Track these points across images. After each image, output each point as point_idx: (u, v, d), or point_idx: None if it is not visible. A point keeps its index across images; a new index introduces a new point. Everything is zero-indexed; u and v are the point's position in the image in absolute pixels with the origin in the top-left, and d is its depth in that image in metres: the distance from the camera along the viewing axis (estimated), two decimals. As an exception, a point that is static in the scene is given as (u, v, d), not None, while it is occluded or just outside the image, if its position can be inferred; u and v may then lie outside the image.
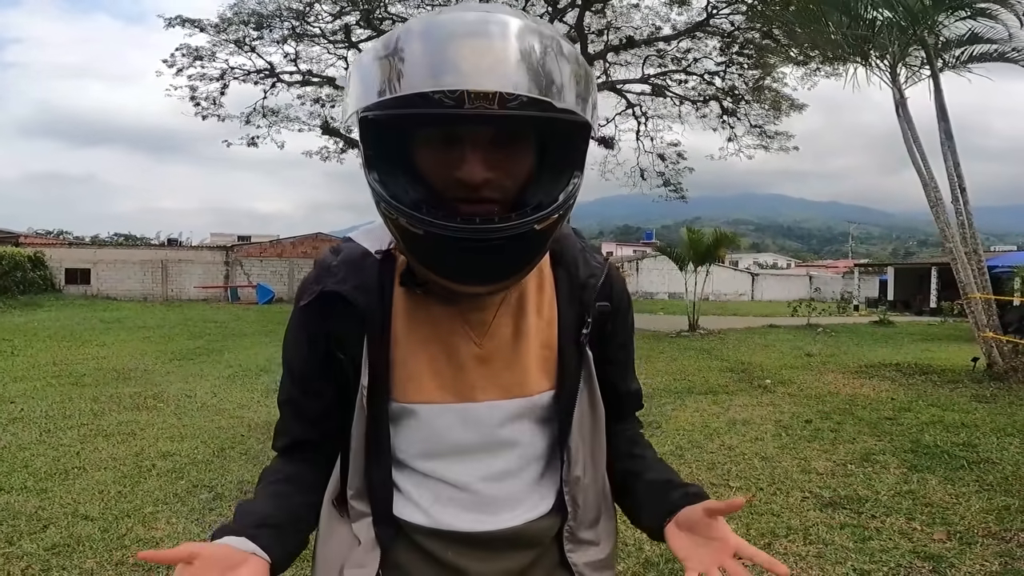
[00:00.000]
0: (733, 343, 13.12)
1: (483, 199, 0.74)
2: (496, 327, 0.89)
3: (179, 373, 8.30)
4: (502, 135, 0.74)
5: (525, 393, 0.89)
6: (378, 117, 0.72)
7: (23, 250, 23.72)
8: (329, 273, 0.87)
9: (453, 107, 0.67)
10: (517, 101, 0.68)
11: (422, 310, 0.87)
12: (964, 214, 8.63)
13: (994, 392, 7.21)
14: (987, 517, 3.56)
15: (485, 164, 0.73)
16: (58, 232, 55.80)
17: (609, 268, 0.96)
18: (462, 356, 0.87)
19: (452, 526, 0.89)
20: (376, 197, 0.76)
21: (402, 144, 0.76)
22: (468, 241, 0.72)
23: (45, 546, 3.11)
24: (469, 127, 0.72)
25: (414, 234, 0.73)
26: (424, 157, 0.76)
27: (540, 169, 0.78)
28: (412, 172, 0.77)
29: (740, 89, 19.25)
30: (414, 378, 0.87)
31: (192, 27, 18.16)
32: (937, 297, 27.51)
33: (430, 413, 0.87)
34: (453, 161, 0.73)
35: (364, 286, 0.86)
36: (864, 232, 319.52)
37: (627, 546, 3.18)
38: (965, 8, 8.36)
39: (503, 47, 0.68)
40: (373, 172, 0.75)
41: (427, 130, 0.74)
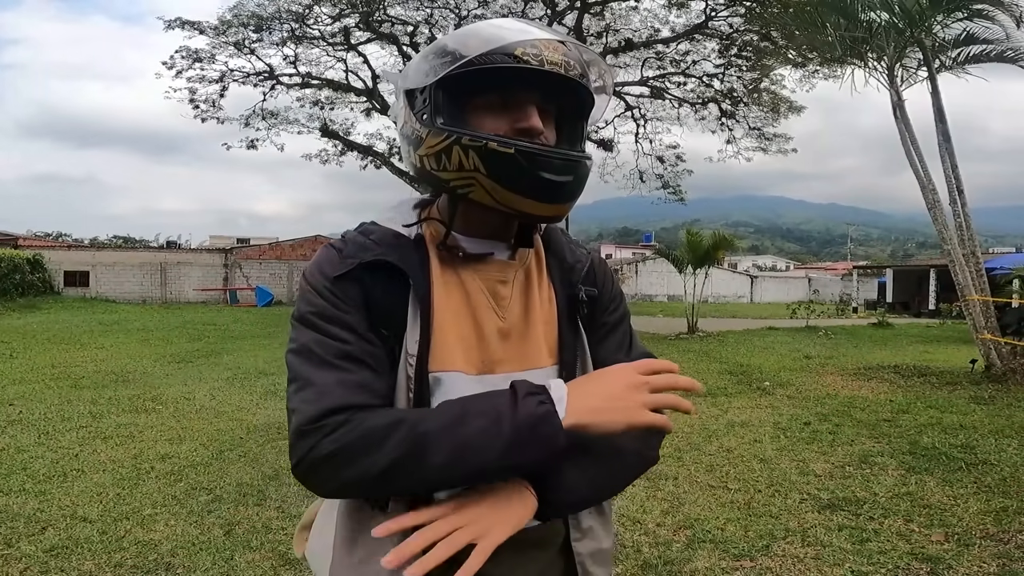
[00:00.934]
0: (732, 345, 13.13)
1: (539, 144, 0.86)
2: (513, 302, 0.95)
3: (178, 376, 8.30)
4: (546, 102, 0.89)
5: (535, 366, 0.93)
6: (466, 73, 0.83)
7: (22, 252, 23.71)
8: (365, 248, 0.90)
9: (536, 66, 0.83)
10: (576, 72, 0.87)
11: (455, 284, 0.92)
12: (962, 216, 8.64)
13: (992, 394, 7.21)
14: (985, 519, 3.57)
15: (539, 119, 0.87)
16: (57, 234, 55.77)
17: (593, 257, 1.05)
18: (488, 329, 0.92)
19: None
20: (454, 135, 0.84)
21: (465, 108, 0.88)
22: (551, 159, 0.84)
23: (44, 548, 3.10)
24: (534, 88, 0.86)
25: (503, 155, 0.83)
26: (484, 117, 0.87)
27: (561, 133, 0.93)
28: (469, 126, 0.87)
29: (739, 91, 19.29)
30: (447, 348, 0.89)
31: (192, 29, 18.19)
32: (936, 299, 27.53)
33: (456, 383, 0.88)
34: (516, 116, 0.86)
35: (406, 259, 0.90)
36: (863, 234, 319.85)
37: (625, 548, 3.18)
38: (961, 9, 8.38)
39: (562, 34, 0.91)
40: (439, 118, 0.86)
41: (493, 94, 0.87)
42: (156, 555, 3.07)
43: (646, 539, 3.31)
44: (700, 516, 3.61)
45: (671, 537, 3.34)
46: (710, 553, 3.16)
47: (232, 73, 19.12)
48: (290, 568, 2.96)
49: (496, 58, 0.83)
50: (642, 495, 3.91)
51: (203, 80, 18.92)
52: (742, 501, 3.85)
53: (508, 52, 0.83)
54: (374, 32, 18.83)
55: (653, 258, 38.33)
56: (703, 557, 3.11)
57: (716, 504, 3.80)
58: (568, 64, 0.86)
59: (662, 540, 3.30)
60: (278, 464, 4.38)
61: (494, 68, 0.83)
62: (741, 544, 3.26)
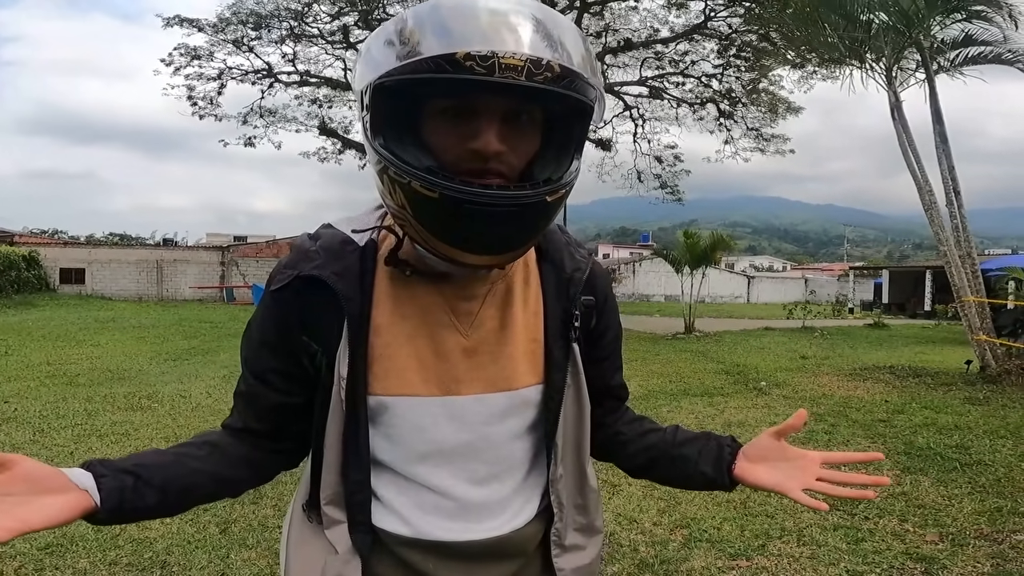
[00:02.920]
0: (729, 345, 13.15)
1: (492, 171, 0.73)
2: (483, 318, 0.86)
3: (174, 373, 8.28)
4: (514, 111, 0.73)
5: (511, 387, 0.86)
6: (400, 82, 0.70)
7: (18, 249, 23.62)
8: (306, 258, 0.83)
9: (483, 75, 0.66)
10: (542, 76, 0.68)
11: (407, 299, 0.84)
12: (958, 217, 8.67)
13: (987, 394, 7.24)
14: (979, 519, 3.58)
15: (498, 136, 0.73)
16: (53, 231, 55.60)
17: (592, 262, 0.96)
18: (448, 347, 0.84)
19: (434, 536, 0.86)
20: (383, 163, 0.74)
21: (412, 114, 0.74)
22: (484, 206, 0.70)
23: (38, 546, 3.09)
24: (491, 97, 0.71)
25: (427, 198, 0.71)
26: (435, 128, 0.74)
27: (546, 148, 0.78)
28: (420, 144, 0.75)
29: (737, 92, 19.31)
30: (396, 370, 0.83)
31: (190, 27, 18.14)
32: (931, 300, 27.61)
33: (413, 407, 0.83)
34: (466, 133, 0.73)
35: (345, 271, 0.82)
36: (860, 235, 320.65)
37: (622, 547, 3.18)
38: (959, 11, 8.40)
39: (535, 21, 0.70)
40: (379, 138, 0.74)
41: (443, 100, 0.73)
42: (151, 553, 3.06)
43: (643, 538, 3.31)
44: (696, 515, 3.62)
45: (668, 536, 3.34)
46: (706, 552, 3.16)
47: (230, 71, 19.07)
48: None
49: (434, 65, 0.67)
50: (639, 494, 3.92)
51: (201, 77, 18.87)
52: (738, 501, 3.86)
53: (449, 59, 0.66)
54: (373, 30, 18.80)
55: (650, 258, 38.39)
56: (699, 556, 3.12)
57: (712, 504, 3.81)
58: (535, 66, 0.67)
59: (659, 539, 3.30)
60: (274, 462, 4.38)
61: (430, 79, 0.68)
62: (737, 543, 3.26)
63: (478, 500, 0.88)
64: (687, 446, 0.98)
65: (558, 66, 0.69)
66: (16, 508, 0.70)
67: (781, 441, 0.92)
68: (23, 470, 0.71)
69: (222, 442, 0.89)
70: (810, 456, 0.90)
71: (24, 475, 0.71)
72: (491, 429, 0.87)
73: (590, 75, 0.73)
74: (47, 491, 0.72)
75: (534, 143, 0.77)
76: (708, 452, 0.96)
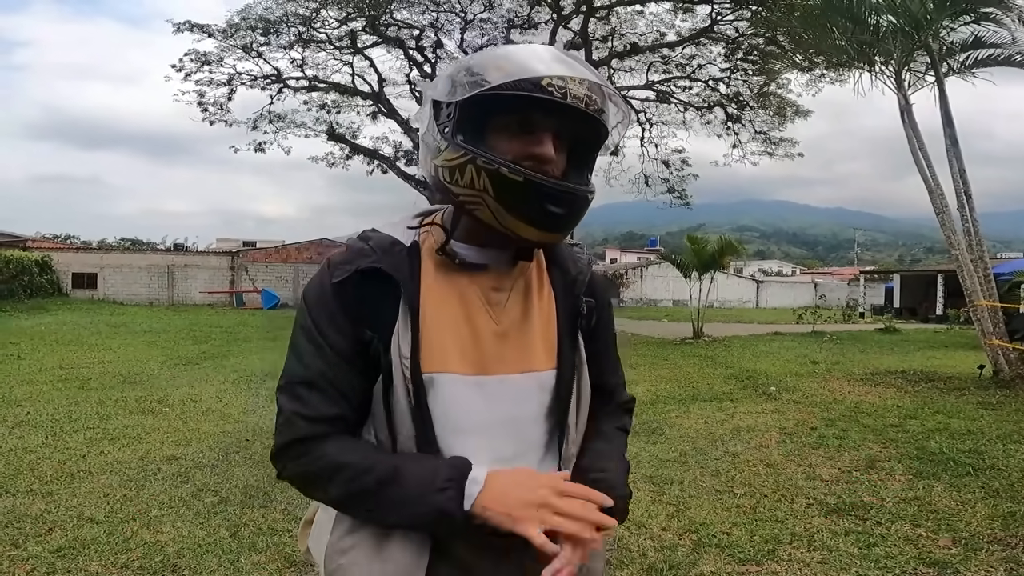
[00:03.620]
0: (738, 350, 13.09)
1: (547, 172, 0.91)
2: (510, 307, 1.00)
3: (184, 377, 8.33)
4: (562, 132, 0.92)
5: (532, 368, 0.99)
6: (490, 95, 0.87)
7: (30, 254, 23.88)
8: (362, 254, 0.96)
9: (559, 98, 0.87)
10: (594, 107, 0.90)
11: (448, 289, 0.97)
12: (970, 220, 8.60)
13: (1000, 399, 7.17)
14: (993, 523, 3.55)
15: (553, 147, 0.92)
16: (65, 236, 56.09)
17: (591, 269, 1.11)
18: (482, 331, 0.97)
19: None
20: (471, 155, 0.89)
21: (488, 123, 0.92)
22: (555, 191, 0.90)
23: (51, 549, 3.12)
24: (551, 116, 0.90)
25: (513, 181, 0.88)
26: (501, 136, 0.91)
27: (571, 162, 0.97)
28: (487, 145, 0.91)
29: (745, 95, 19.27)
30: (441, 349, 0.94)
31: (200, 32, 18.31)
32: (943, 304, 27.37)
33: (452, 383, 0.94)
34: (530, 141, 0.91)
35: (398, 265, 0.95)
36: (870, 239, 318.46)
37: (630, 552, 3.17)
38: (968, 12, 8.35)
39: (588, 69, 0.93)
40: (459, 136, 0.91)
41: (514, 115, 0.90)
42: (162, 556, 3.08)
43: (651, 543, 3.30)
44: (706, 521, 3.60)
45: (677, 541, 3.33)
46: (716, 558, 3.15)
47: (240, 76, 19.27)
48: (295, 570, 2.96)
49: (523, 85, 0.87)
50: (647, 499, 3.91)
51: (211, 83, 19.08)
52: (748, 506, 3.84)
53: (535, 81, 0.87)
54: (380, 36, 18.91)
55: (658, 263, 38.27)
56: (709, 562, 3.10)
57: (722, 509, 3.79)
58: (590, 99, 0.89)
59: (667, 544, 3.29)
60: (284, 466, 4.39)
61: (519, 95, 0.87)
62: (747, 549, 3.25)
63: None
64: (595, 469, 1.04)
65: (600, 100, 0.91)
66: None
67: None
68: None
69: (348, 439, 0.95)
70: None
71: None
72: (515, 408, 0.98)
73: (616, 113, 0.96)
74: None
75: (564, 160, 0.95)
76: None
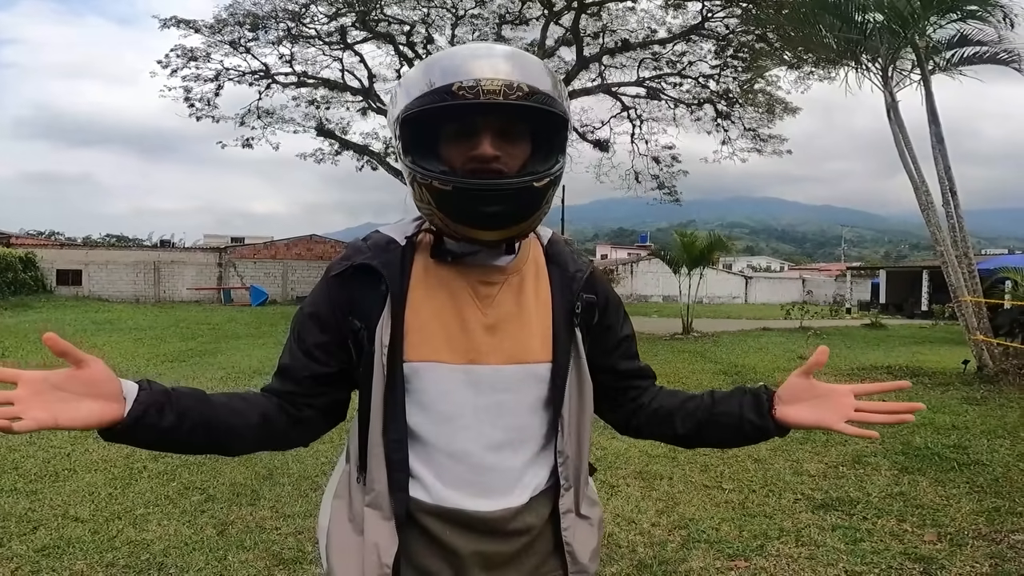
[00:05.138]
0: (726, 346, 13.16)
1: (492, 171, 0.94)
2: (500, 301, 1.04)
3: (171, 375, 8.25)
4: (505, 126, 0.95)
5: (525, 360, 1.03)
6: (415, 113, 0.93)
7: (14, 251, 23.58)
8: (360, 252, 1.05)
9: (472, 99, 0.89)
10: (516, 95, 0.90)
11: (437, 283, 1.03)
12: (955, 217, 8.69)
13: (984, 394, 7.25)
14: (977, 519, 3.58)
15: (493, 146, 0.94)
16: (50, 233, 55.41)
17: (593, 267, 1.14)
18: (471, 323, 1.02)
19: (452, 503, 0.99)
20: (412, 173, 0.96)
21: (431, 138, 0.98)
22: (484, 191, 0.93)
23: (35, 547, 3.08)
24: (482, 117, 0.93)
25: (444, 192, 0.94)
26: (448, 146, 0.97)
27: (535, 151, 1.00)
28: (439, 159, 0.98)
29: (734, 92, 19.34)
30: (428, 339, 1.00)
31: (187, 28, 18.13)
32: (928, 300, 27.65)
33: (440, 372, 1.00)
34: (469, 145, 0.95)
35: (389, 262, 1.03)
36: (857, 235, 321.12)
37: (620, 548, 3.18)
38: (954, 11, 8.42)
39: (509, 56, 0.96)
40: (408, 157, 0.97)
41: (451, 124, 0.95)
42: (148, 555, 3.05)
43: (641, 539, 3.31)
44: (695, 516, 3.62)
45: (666, 537, 3.34)
46: (705, 553, 3.16)
47: (227, 72, 19.08)
48: (284, 568, 2.95)
49: (437, 96, 0.91)
50: (637, 495, 3.92)
51: (198, 79, 18.89)
52: (736, 501, 3.86)
53: (446, 90, 0.90)
54: (371, 31, 18.81)
55: (648, 259, 38.40)
56: (698, 557, 3.12)
57: (711, 504, 3.81)
58: (509, 88, 0.90)
59: (657, 540, 3.30)
60: (272, 464, 4.36)
61: (438, 107, 0.91)
62: (735, 544, 3.26)
63: (491, 465, 1.01)
64: (726, 403, 1.10)
65: (527, 87, 0.91)
66: (56, 404, 0.79)
67: (810, 379, 1.03)
68: (89, 373, 0.81)
69: (250, 395, 1.05)
70: (840, 390, 1.02)
71: (87, 378, 0.81)
72: (506, 396, 1.02)
73: (556, 95, 0.95)
74: (96, 396, 0.82)
75: (525, 149, 0.99)
76: (747, 403, 1.07)
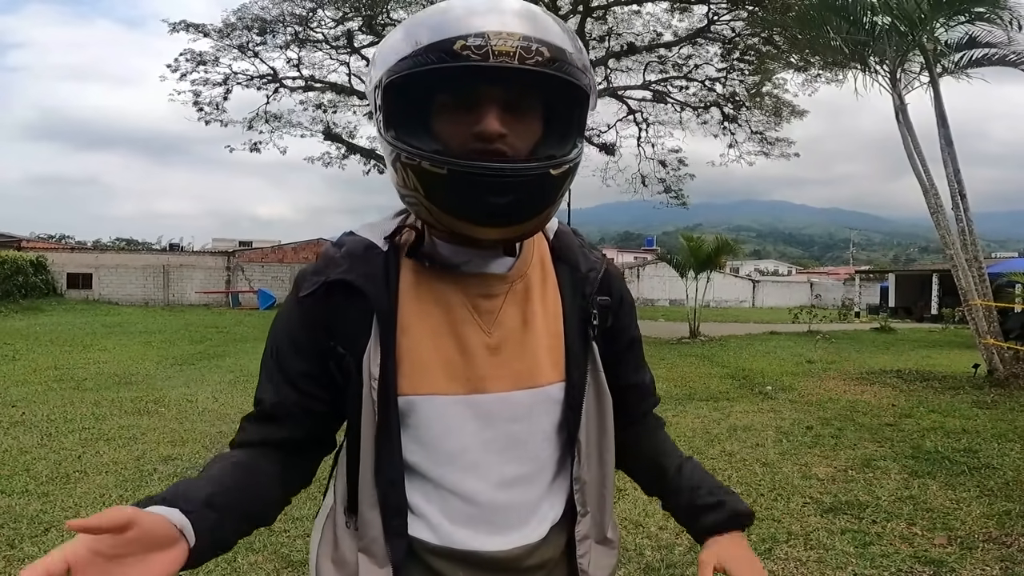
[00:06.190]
0: (734, 350, 13.11)
1: (497, 151, 0.75)
2: (504, 316, 0.87)
3: (180, 378, 8.30)
4: (515, 97, 0.76)
5: (535, 383, 0.87)
6: (402, 77, 0.74)
7: (25, 254, 23.76)
8: (333, 264, 0.86)
9: (479, 61, 0.70)
10: (533, 59, 0.71)
11: (430, 298, 0.86)
12: (964, 220, 8.63)
13: (995, 398, 7.20)
14: (988, 522, 3.56)
15: (500, 121, 0.76)
16: (60, 236, 55.86)
17: (607, 263, 0.97)
18: (472, 345, 0.85)
19: (463, 544, 0.86)
20: (396, 152, 0.77)
21: (422, 109, 0.78)
22: (489, 176, 0.73)
23: (46, 549, 3.08)
24: (489, 85, 0.74)
25: (436, 175, 0.74)
26: (442, 120, 0.78)
27: (548, 132, 0.81)
28: (431, 135, 0.78)
29: (741, 95, 19.30)
30: (422, 368, 0.84)
31: (196, 32, 18.24)
32: (938, 304, 27.48)
33: (439, 406, 0.84)
34: (470, 120, 0.76)
35: (370, 274, 0.84)
36: (865, 238, 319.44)
37: (628, 551, 3.18)
38: (963, 13, 8.38)
39: (523, 10, 0.75)
40: (391, 131, 0.78)
41: (447, 94, 0.77)
42: (158, 556, 3.07)
43: (648, 542, 3.30)
44: (702, 519, 3.60)
45: (673, 540, 3.33)
46: (712, 556, 3.15)
47: (236, 76, 19.16)
48: (292, 570, 2.96)
49: (433, 56, 0.71)
50: (644, 499, 3.91)
51: (207, 83, 18.97)
52: (744, 505, 3.84)
53: (446, 48, 0.70)
54: (377, 35, 18.87)
55: (655, 263, 38.32)
56: (705, 560, 3.11)
57: (718, 507, 3.79)
58: (527, 51, 0.71)
59: (664, 543, 3.29)
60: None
61: (434, 69, 0.71)
62: (743, 547, 3.25)
63: (504, 503, 0.87)
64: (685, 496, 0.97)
65: (547, 49, 0.72)
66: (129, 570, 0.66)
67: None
68: (141, 531, 0.66)
69: (251, 463, 0.85)
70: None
71: (140, 535, 0.66)
72: (517, 427, 0.87)
73: (579, 61, 0.76)
74: (155, 547, 0.68)
75: (536, 129, 0.80)
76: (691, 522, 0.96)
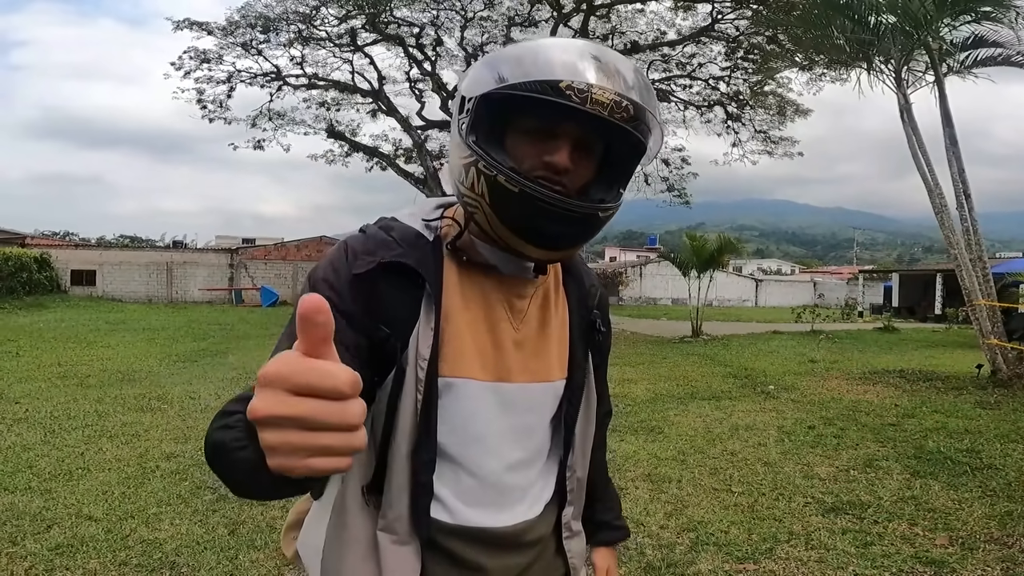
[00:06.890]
0: (736, 349, 13.10)
1: (557, 183, 0.84)
2: (529, 315, 0.96)
3: (183, 375, 8.33)
4: (586, 139, 0.85)
5: (548, 378, 0.97)
6: (505, 95, 0.82)
7: (29, 251, 23.82)
8: (386, 246, 0.88)
9: (577, 104, 0.79)
10: (621, 115, 0.81)
11: (472, 291, 0.93)
12: (969, 220, 8.61)
13: (998, 399, 7.19)
14: (990, 523, 3.56)
15: (570, 157, 0.85)
16: (64, 233, 55.97)
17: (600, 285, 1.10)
18: (503, 339, 0.93)
19: (472, 522, 0.92)
20: (475, 156, 0.84)
21: (502, 124, 0.86)
22: (552, 206, 0.82)
23: (49, 546, 3.12)
24: (574, 124, 0.83)
25: (508, 192, 0.82)
26: (518, 140, 0.86)
27: (601, 175, 0.90)
28: (504, 149, 0.86)
29: (744, 94, 19.25)
30: (462, 353, 0.90)
31: (200, 30, 18.26)
32: (942, 304, 27.39)
33: (473, 390, 0.90)
34: (545, 148, 0.85)
35: (423, 260, 0.89)
36: (869, 238, 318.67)
37: (628, 550, 3.18)
38: (969, 12, 8.35)
39: (624, 68, 0.84)
40: (472, 136, 0.85)
41: (533, 119, 0.85)
42: (161, 554, 3.08)
43: (649, 541, 3.31)
44: (704, 519, 3.61)
45: (674, 539, 3.34)
46: (713, 556, 3.16)
47: (239, 74, 19.18)
48: (293, 567, 2.97)
49: (538, 87, 0.80)
50: (645, 497, 3.91)
51: (211, 81, 18.99)
52: (746, 504, 3.85)
53: (553, 84, 0.79)
54: (380, 34, 18.87)
55: (657, 261, 38.27)
56: (706, 560, 3.11)
57: (720, 507, 3.80)
58: (617, 106, 0.80)
59: (665, 542, 3.30)
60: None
61: (533, 97, 0.80)
62: (744, 547, 3.25)
63: (509, 484, 0.95)
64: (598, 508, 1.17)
65: (633, 108, 0.82)
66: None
67: None
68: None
69: None
70: None
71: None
72: (530, 416, 0.96)
73: (653, 123, 0.86)
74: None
75: (591, 170, 0.89)
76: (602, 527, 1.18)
